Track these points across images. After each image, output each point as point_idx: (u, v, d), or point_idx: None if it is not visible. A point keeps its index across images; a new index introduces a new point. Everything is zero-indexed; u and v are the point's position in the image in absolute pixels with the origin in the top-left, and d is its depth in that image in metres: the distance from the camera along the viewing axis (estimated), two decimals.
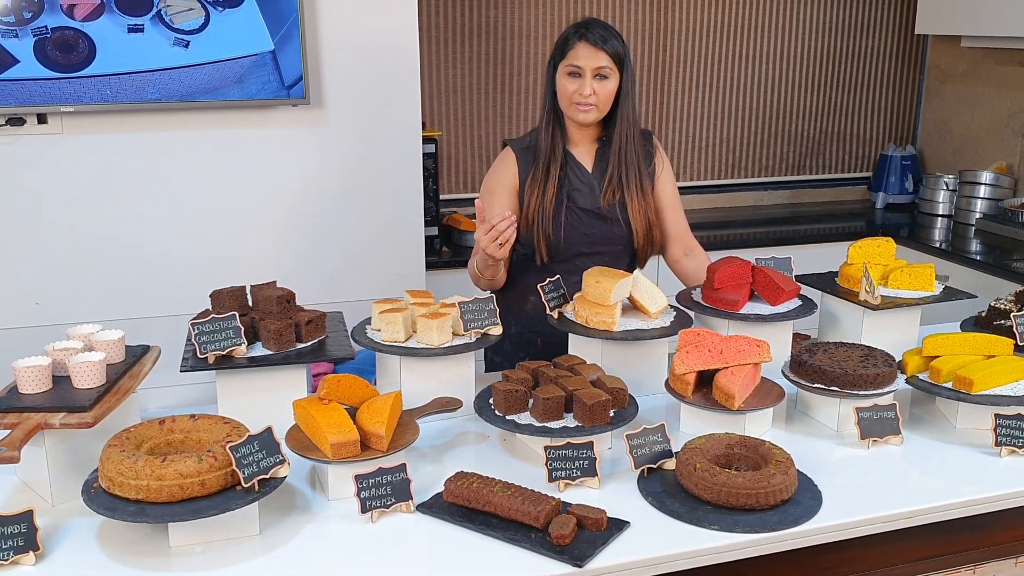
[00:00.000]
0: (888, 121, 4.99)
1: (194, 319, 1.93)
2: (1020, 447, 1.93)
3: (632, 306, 2.26)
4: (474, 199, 2.34)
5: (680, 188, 2.72)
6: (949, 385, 2.06)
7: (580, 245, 2.51)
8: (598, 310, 2.14)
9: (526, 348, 2.57)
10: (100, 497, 1.54)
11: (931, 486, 1.83)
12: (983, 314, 2.40)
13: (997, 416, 1.94)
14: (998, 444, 1.94)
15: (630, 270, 2.56)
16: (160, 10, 2.88)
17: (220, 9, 2.93)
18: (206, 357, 1.90)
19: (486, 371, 2.69)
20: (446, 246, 3.91)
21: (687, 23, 4.47)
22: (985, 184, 4.38)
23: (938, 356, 2.11)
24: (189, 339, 1.96)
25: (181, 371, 1.91)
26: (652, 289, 2.23)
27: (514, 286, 2.53)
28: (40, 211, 3.01)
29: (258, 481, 1.57)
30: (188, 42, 2.92)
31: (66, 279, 3.06)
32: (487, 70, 4.23)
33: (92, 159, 3.02)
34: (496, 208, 2.49)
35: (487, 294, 2.17)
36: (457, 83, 4.20)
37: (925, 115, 4.99)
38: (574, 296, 2.25)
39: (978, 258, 3.91)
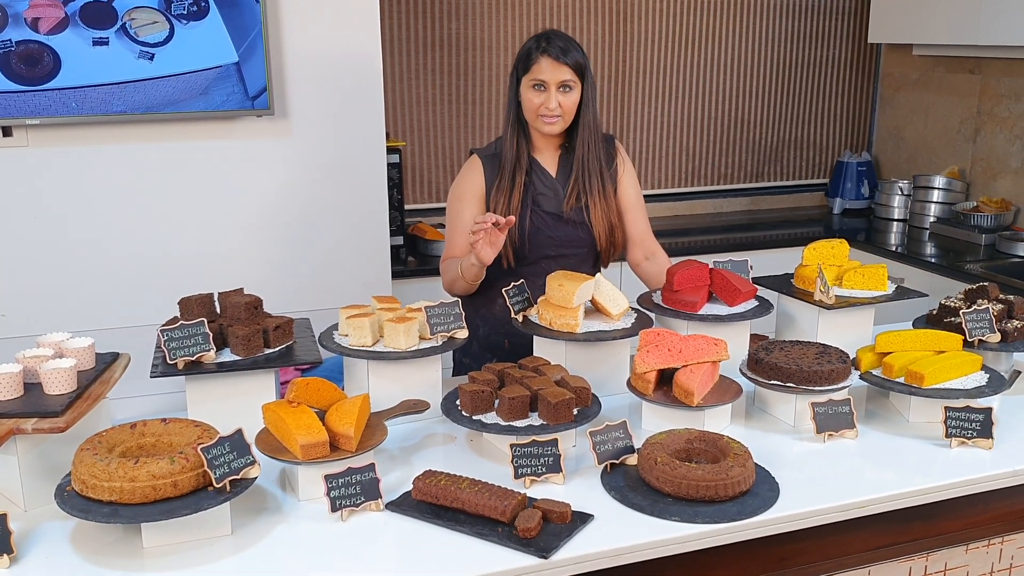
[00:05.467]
0: (844, 128, 5.10)
1: (163, 326, 1.95)
2: (969, 439, 2.00)
3: (595, 308, 2.31)
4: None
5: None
6: (901, 380, 2.12)
7: (545, 248, 2.56)
8: (561, 313, 2.19)
9: (494, 349, 2.62)
10: (73, 500, 1.56)
11: (884, 477, 1.89)
12: (934, 312, 2.47)
13: (947, 409, 2.01)
14: (948, 436, 2.00)
15: (595, 272, 2.62)
16: (125, 23, 2.90)
17: (184, 22, 2.95)
18: (175, 363, 1.92)
19: (454, 373, 2.73)
20: (411, 255, 3.94)
21: (646, 34, 4.55)
22: (938, 189, 4.50)
23: (890, 352, 2.18)
24: (158, 346, 1.98)
25: (151, 377, 1.93)
26: (614, 292, 2.29)
27: (482, 289, 2.57)
28: (6, 224, 3.01)
29: (229, 482, 1.60)
30: (153, 55, 2.94)
31: (33, 291, 3.07)
32: (450, 81, 4.28)
33: (58, 171, 3.03)
34: (466, 214, 2.55)
35: (452, 298, 2.21)
36: (421, 94, 4.25)
37: (879, 122, 5.10)
38: (538, 299, 2.30)
39: (933, 260, 4.01)
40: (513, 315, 2.28)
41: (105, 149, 3.06)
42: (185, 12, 2.94)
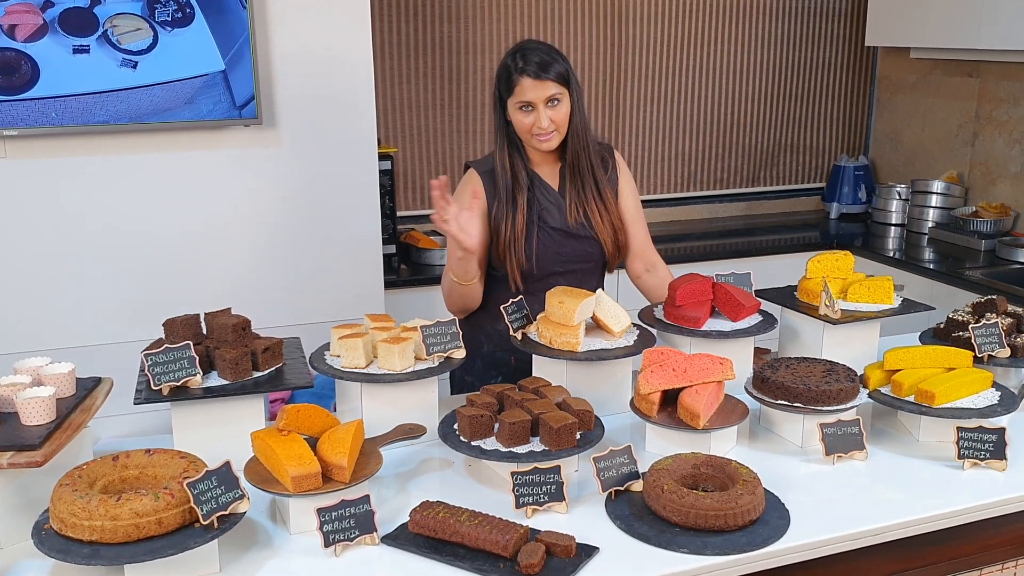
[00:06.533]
0: (840, 132, 5.05)
1: (147, 349, 1.87)
2: (982, 459, 1.94)
3: (596, 325, 2.24)
4: (432, 215, 2.26)
5: None
6: (911, 399, 2.06)
7: (553, 265, 2.48)
8: (562, 330, 2.12)
9: (498, 367, 2.54)
10: (51, 539, 1.48)
11: (896, 501, 1.83)
12: (941, 326, 2.41)
13: (959, 429, 1.95)
14: (961, 457, 1.95)
15: (600, 285, 2.55)
16: (106, 30, 2.81)
17: (169, 29, 2.87)
18: (160, 389, 1.84)
19: (453, 391, 2.66)
20: (404, 264, 3.87)
21: (641, 38, 4.49)
22: (936, 193, 4.45)
23: (899, 370, 2.12)
24: (142, 370, 1.90)
25: (135, 403, 1.85)
26: (615, 308, 2.22)
27: (487, 305, 2.50)
28: None
29: (217, 518, 1.52)
30: (136, 63, 2.86)
31: (12, 306, 2.98)
32: (442, 85, 4.20)
33: (38, 183, 2.94)
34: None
35: (449, 317, 2.14)
36: (412, 99, 4.18)
37: (877, 126, 5.05)
38: (538, 316, 2.22)
39: (931, 267, 3.95)
40: (512, 332, 2.21)
41: (87, 160, 2.97)
42: (169, 19, 2.86)
